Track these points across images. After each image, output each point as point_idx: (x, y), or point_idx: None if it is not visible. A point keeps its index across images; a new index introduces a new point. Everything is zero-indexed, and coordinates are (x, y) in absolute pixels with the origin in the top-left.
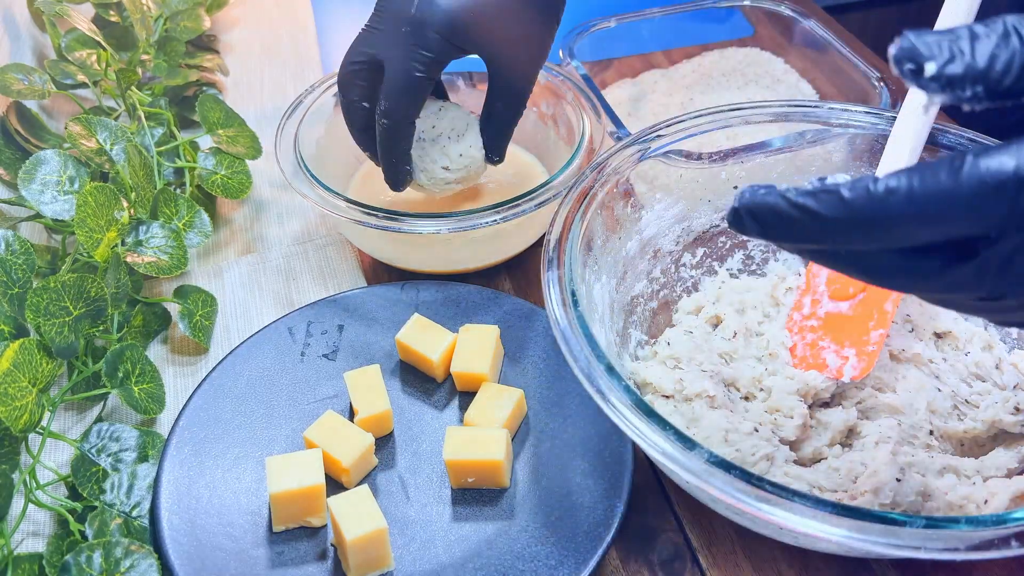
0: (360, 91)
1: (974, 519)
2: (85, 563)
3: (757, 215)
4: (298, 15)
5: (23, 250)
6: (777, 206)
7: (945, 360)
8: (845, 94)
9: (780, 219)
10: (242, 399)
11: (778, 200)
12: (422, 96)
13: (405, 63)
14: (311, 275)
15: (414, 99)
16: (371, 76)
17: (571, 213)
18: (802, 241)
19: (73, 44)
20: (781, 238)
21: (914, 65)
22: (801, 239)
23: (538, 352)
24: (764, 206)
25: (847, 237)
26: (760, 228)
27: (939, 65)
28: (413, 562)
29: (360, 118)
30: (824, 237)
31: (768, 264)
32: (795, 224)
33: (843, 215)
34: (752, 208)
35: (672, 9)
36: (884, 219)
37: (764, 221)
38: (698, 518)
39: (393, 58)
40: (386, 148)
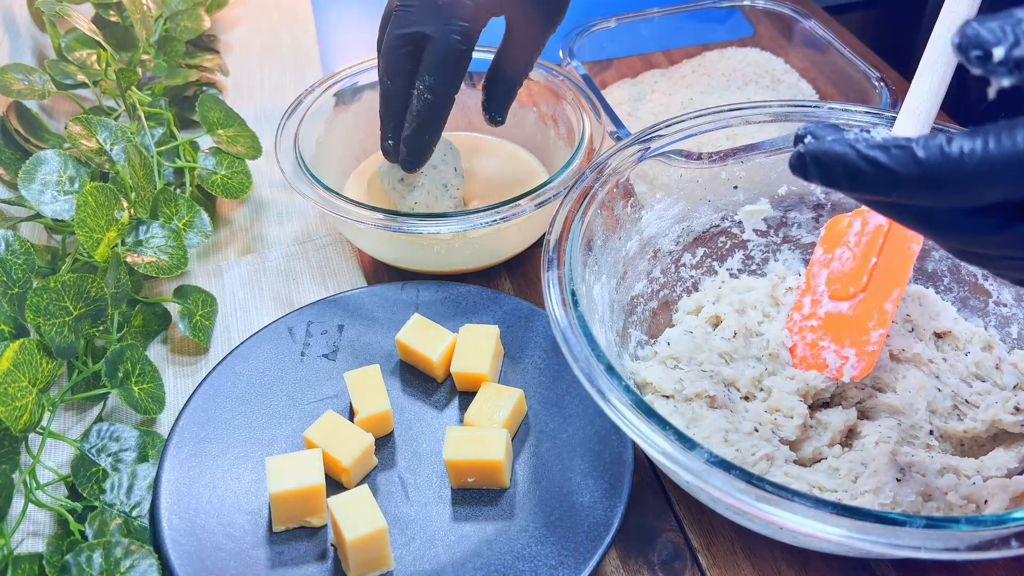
0: (407, 76)
1: (974, 519)
2: (85, 563)
3: (823, 163)
4: (298, 15)
5: (23, 250)
6: (846, 156)
7: (945, 360)
8: (845, 94)
9: (847, 169)
10: (242, 399)
11: (847, 150)
12: (465, 67)
13: (448, 37)
14: (311, 275)
15: (459, 71)
16: (413, 58)
17: (571, 213)
18: (866, 192)
19: (73, 44)
20: (845, 187)
21: (981, 52)
22: (866, 190)
23: (538, 352)
24: (831, 154)
25: (915, 193)
26: (825, 176)
27: (1006, 49)
28: (413, 562)
29: (402, 103)
30: (891, 191)
31: (768, 264)
32: (863, 176)
33: (915, 172)
34: (818, 155)
35: (672, 9)
36: (957, 179)
37: (830, 170)
38: (698, 518)
39: (435, 33)
40: (428, 124)
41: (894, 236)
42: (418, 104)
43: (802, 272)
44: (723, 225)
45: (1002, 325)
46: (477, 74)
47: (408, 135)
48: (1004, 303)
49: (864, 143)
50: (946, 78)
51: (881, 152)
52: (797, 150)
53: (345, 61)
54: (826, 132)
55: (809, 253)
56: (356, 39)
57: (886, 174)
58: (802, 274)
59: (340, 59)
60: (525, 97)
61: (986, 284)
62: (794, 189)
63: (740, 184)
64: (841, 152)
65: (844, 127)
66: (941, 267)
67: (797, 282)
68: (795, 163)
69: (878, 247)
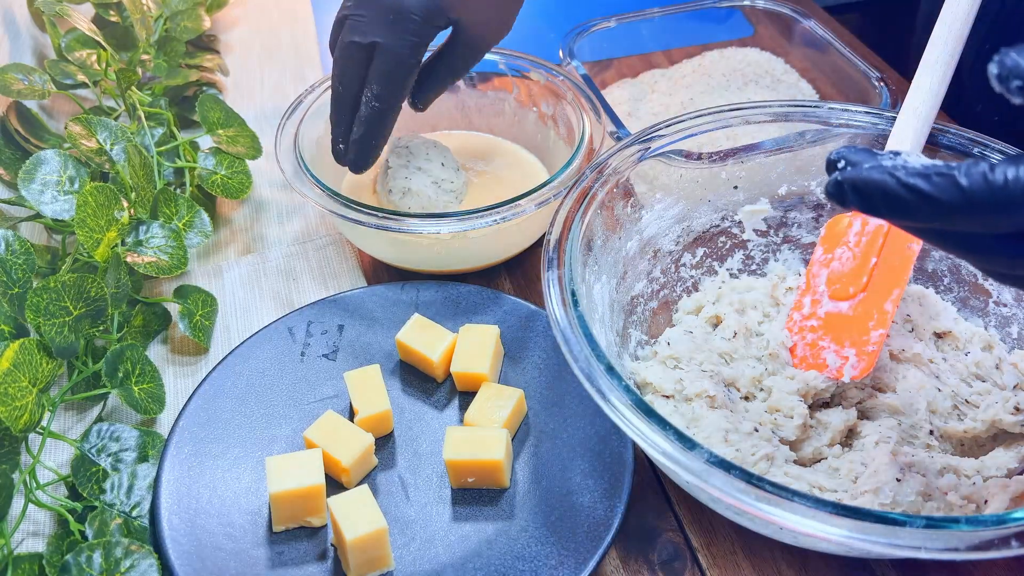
0: (359, 80)
1: (974, 519)
2: (85, 563)
3: (863, 191)
4: (298, 15)
5: (23, 250)
6: (886, 184)
7: (945, 360)
8: (845, 94)
9: (888, 198)
10: (242, 399)
11: (886, 178)
12: (412, 78)
13: (396, 49)
14: (311, 275)
15: (406, 82)
16: (366, 66)
17: (571, 213)
18: (907, 219)
19: (73, 44)
20: (885, 215)
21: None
22: (908, 218)
23: (538, 352)
24: (871, 183)
25: (958, 220)
26: (864, 204)
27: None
28: (413, 562)
29: (351, 108)
30: (934, 218)
31: (768, 264)
32: (904, 204)
33: (958, 200)
34: (857, 183)
35: (672, 9)
36: (1002, 206)
37: (870, 198)
38: (698, 518)
39: (385, 45)
40: (373, 130)
41: (894, 236)
42: (366, 110)
43: (802, 272)
44: (723, 225)
45: (1002, 325)
46: (478, 74)
47: (355, 139)
48: (1004, 303)
49: (904, 171)
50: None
51: (922, 180)
52: (834, 178)
53: None
54: (861, 157)
55: (809, 253)
56: None
57: (929, 202)
58: (802, 274)
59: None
60: (525, 97)
61: (986, 284)
62: (794, 189)
63: (740, 184)
64: (880, 180)
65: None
66: (941, 267)
67: (797, 282)
68: (832, 191)
69: (878, 247)
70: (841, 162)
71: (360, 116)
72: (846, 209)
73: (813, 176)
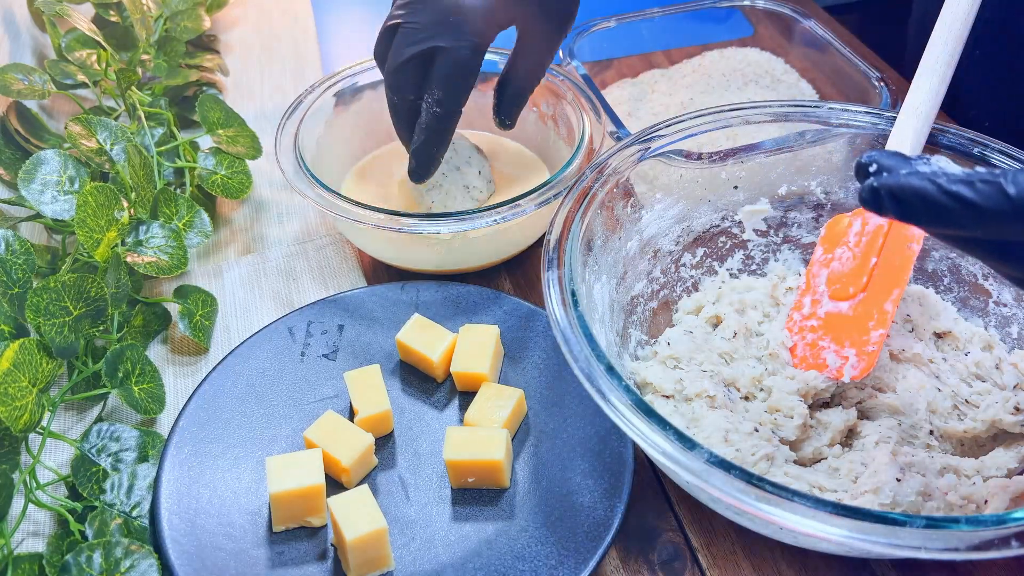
0: (415, 89)
1: (974, 519)
2: (85, 563)
3: (901, 198)
4: (298, 15)
5: (23, 250)
6: (926, 191)
7: (945, 360)
8: (845, 94)
9: (928, 205)
10: (242, 399)
11: (927, 185)
12: (474, 81)
13: (458, 52)
14: (311, 275)
15: (468, 85)
16: (422, 72)
17: (571, 213)
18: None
19: (73, 44)
20: (923, 222)
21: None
22: (949, 226)
23: (538, 352)
24: (910, 190)
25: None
26: (902, 211)
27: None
28: (413, 562)
29: (411, 114)
30: (976, 227)
31: (768, 264)
32: (946, 212)
33: (1005, 208)
34: (895, 190)
35: (672, 9)
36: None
37: (909, 206)
38: (698, 518)
39: (446, 49)
40: (435, 136)
41: (894, 236)
42: (427, 117)
43: (802, 272)
44: (723, 225)
45: (1002, 325)
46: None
47: (416, 147)
48: (1004, 303)
49: (945, 178)
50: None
51: (966, 188)
52: (870, 184)
53: (345, 61)
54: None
55: (809, 253)
56: (356, 39)
57: (973, 210)
58: (802, 274)
59: (340, 59)
60: None
61: (986, 284)
62: (794, 189)
63: (740, 184)
64: (921, 187)
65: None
66: (941, 267)
67: (797, 282)
68: (868, 198)
69: (878, 247)
70: (873, 166)
71: (420, 123)
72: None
73: (813, 176)
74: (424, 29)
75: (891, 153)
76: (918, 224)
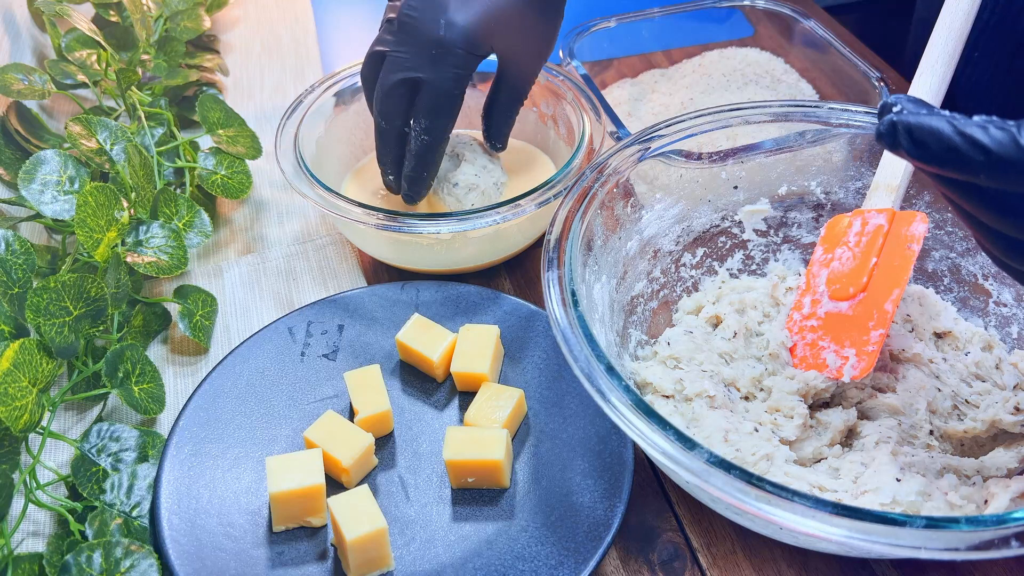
0: (403, 116)
1: (974, 519)
2: (85, 563)
3: (916, 135)
4: (298, 15)
5: (23, 250)
6: (941, 131)
7: (945, 360)
8: (845, 94)
9: (941, 144)
10: (242, 399)
11: (943, 125)
12: (458, 108)
13: (443, 83)
14: (311, 275)
15: (453, 113)
16: (408, 99)
17: (571, 213)
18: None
19: (73, 44)
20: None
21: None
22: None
23: (538, 352)
24: (926, 128)
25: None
26: (915, 148)
27: None
28: (413, 562)
29: (398, 138)
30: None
31: (768, 264)
32: (956, 153)
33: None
34: (913, 127)
35: (672, 9)
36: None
37: (922, 143)
38: (698, 518)
39: (431, 79)
40: (423, 163)
41: (894, 236)
42: (416, 144)
43: (802, 272)
44: (723, 225)
45: (1002, 325)
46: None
47: (408, 173)
48: (1004, 303)
49: (960, 119)
50: (946, 78)
51: (979, 130)
52: (889, 118)
53: (345, 61)
54: (918, 106)
55: (809, 253)
56: (356, 39)
57: (981, 153)
58: (802, 274)
59: (340, 59)
60: None
61: (986, 284)
62: (794, 189)
63: (740, 184)
64: (936, 126)
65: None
66: (941, 267)
67: (797, 282)
68: (885, 131)
69: (878, 247)
70: (897, 106)
71: (411, 150)
72: (894, 151)
73: (813, 176)
74: (410, 59)
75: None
76: (928, 164)
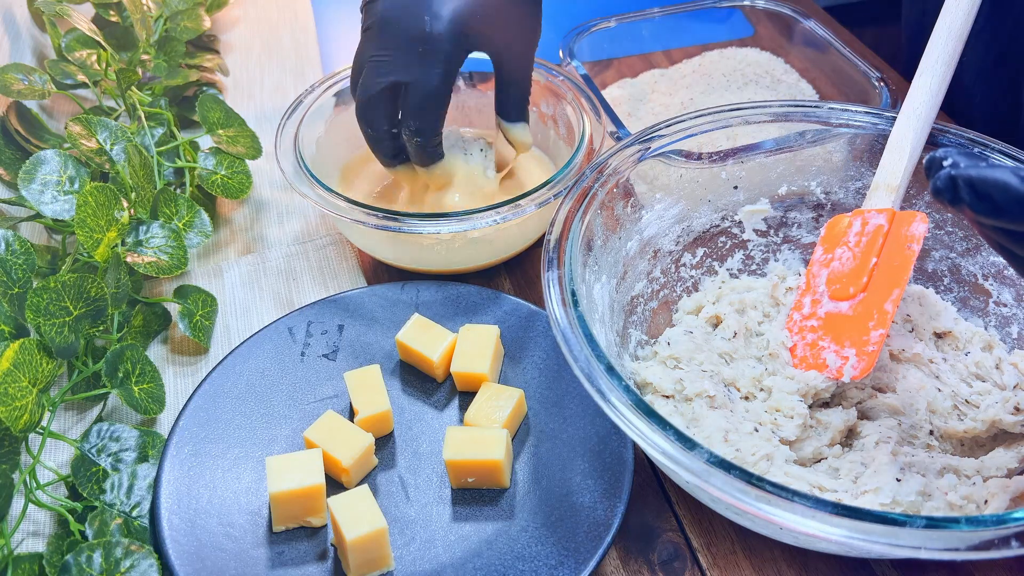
0: (388, 120)
1: (974, 519)
2: (85, 563)
3: (979, 189)
4: (298, 15)
5: (23, 250)
6: (1008, 183)
7: (945, 360)
8: (845, 94)
9: (1008, 197)
10: (242, 399)
11: (1009, 177)
12: (446, 105)
13: (430, 80)
14: (311, 275)
15: (442, 110)
16: (393, 103)
17: (571, 213)
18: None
19: (73, 44)
20: (1000, 216)
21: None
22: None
23: (538, 352)
24: (991, 181)
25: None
26: (979, 203)
27: None
28: (413, 562)
29: (389, 145)
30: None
31: (768, 264)
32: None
33: None
34: (975, 180)
35: (672, 9)
36: None
37: (987, 196)
38: (698, 518)
39: (417, 78)
40: (426, 156)
41: (894, 236)
42: (411, 147)
43: (802, 272)
44: (723, 225)
45: (1002, 325)
46: (477, 74)
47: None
48: (1004, 303)
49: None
50: (946, 78)
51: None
52: (947, 172)
53: (345, 61)
54: (970, 159)
55: (809, 253)
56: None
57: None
58: (802, 274)
59: (340, 59)
60: None
61: (986, 284)
62: (794, 189)
63: (740, 184)
64: (1003, 178)
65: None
66: (941, 267)
67: (797, 282)
68: (943, 186)
69: (878, 247)
70: (948, 160)
71: (410, 150)
72: (955, 206)
73: (813, 176)
74: (392, 61)
75: (967, 150)
76: (992, 216)
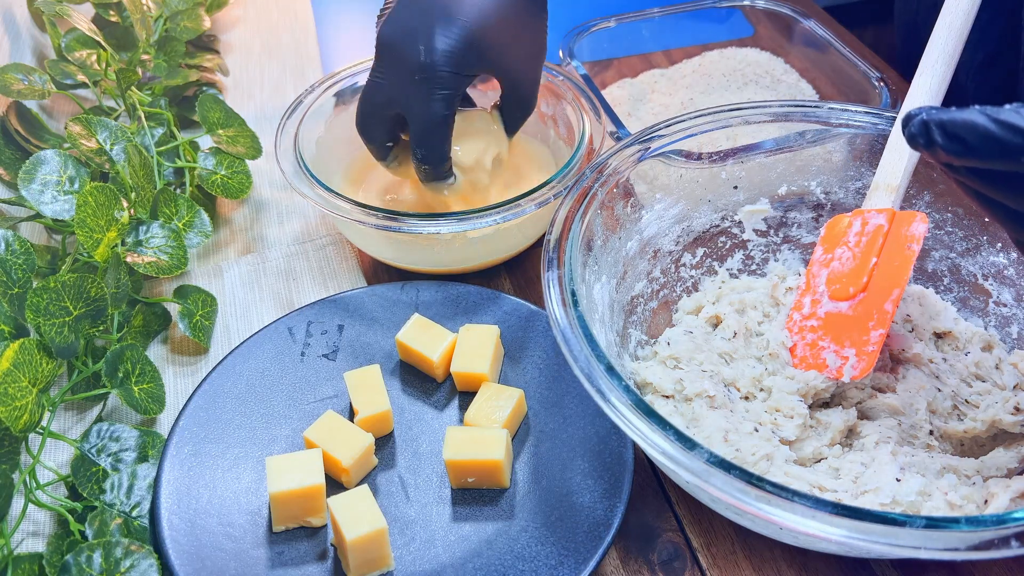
0: (387, 135)
1: (974, 519)
2: (85, 563)
3: (950, 130)
4: (298, 15)
5: (23, 250)
6: (976, 122)
7: (945, 360)
8: (845, 94)
9: (977, 134)
10: (242, 399)
11: (976, 116)
12: (451, 129)
13: (430, 108)
14: (311, 275)
15: (446, 136)
16: (392, 120)
17: (571, 213)
18: (995, 158)
19: (73, 44)
20: (972, 155)
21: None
22: (996, 156)
23: (538, 352)
24: (959, 122)
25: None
26: (952, 144)
27: None
28: (413, 562)
29: (387, 151)
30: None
31: (768, 264)
32: (995, 141)
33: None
34: (946, 122)
35: (672, 9)
36: None
37: (957, 137)
38: (698, 518)
39: (416, 107)
40: (435, 177)
41: (894, 236)
42: (420, 172)
43: (802, 272)
44: (723, 225)
45: (1002, 325)
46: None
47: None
48: (1004, 303)
49: (992, 108)
50: (946, 77)
51: (1014, 115)
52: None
53: (345, 61)
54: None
55: (809, 253)
56: (356, 39)
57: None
58: (802, 274)
59: (340, 59)
60: None
61: (986, 284)
62: (794, 189)
63: (740, 184)
64: (971, 118)
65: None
66: (941, 267)
67: (797, 282)
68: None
69: (878, 247)
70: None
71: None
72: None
73: (813, 176)
74: (390, 87)
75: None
76: (965, 157)
